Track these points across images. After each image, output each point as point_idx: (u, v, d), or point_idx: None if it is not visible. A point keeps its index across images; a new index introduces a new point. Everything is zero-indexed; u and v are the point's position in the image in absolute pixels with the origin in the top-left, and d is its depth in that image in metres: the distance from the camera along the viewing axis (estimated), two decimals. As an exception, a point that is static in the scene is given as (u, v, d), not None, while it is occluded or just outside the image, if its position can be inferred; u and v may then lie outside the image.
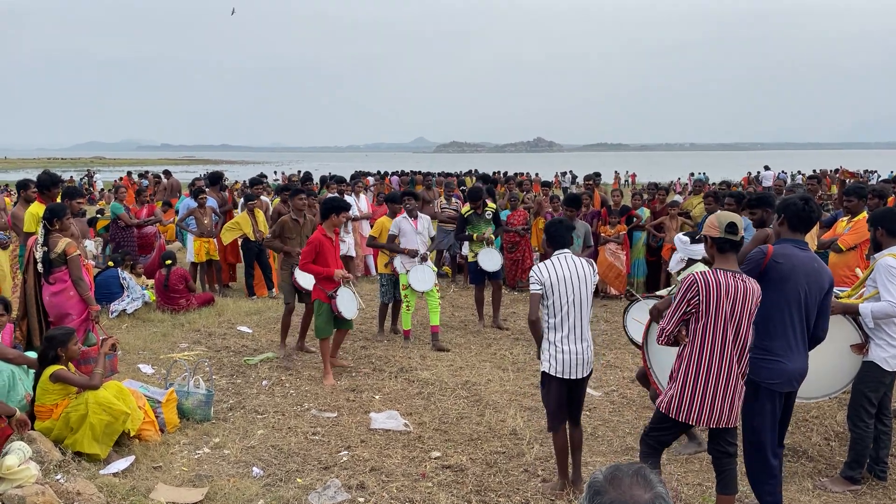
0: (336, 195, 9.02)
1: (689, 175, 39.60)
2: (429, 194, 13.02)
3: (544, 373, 4.37)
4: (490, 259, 8.48)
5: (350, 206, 8.32)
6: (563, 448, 4.42)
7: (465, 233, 8.74)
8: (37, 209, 6.90)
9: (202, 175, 27.60)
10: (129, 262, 9.74)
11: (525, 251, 10.79)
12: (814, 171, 24.61)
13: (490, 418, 5.66)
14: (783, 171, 33.75)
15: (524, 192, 13.18)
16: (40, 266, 6.02)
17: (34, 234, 6.38)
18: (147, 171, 31.46)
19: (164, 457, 4.89)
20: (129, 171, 34.52)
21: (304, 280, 7.31)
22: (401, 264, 7.81)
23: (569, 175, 37.02)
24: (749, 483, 4.06)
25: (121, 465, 4.67)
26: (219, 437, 5.27)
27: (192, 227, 10.34)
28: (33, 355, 5.21)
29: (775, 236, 4.08)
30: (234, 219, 10.17)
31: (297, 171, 16.48)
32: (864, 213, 6.28)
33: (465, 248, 9.63)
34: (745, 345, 3.68)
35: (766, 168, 32.41)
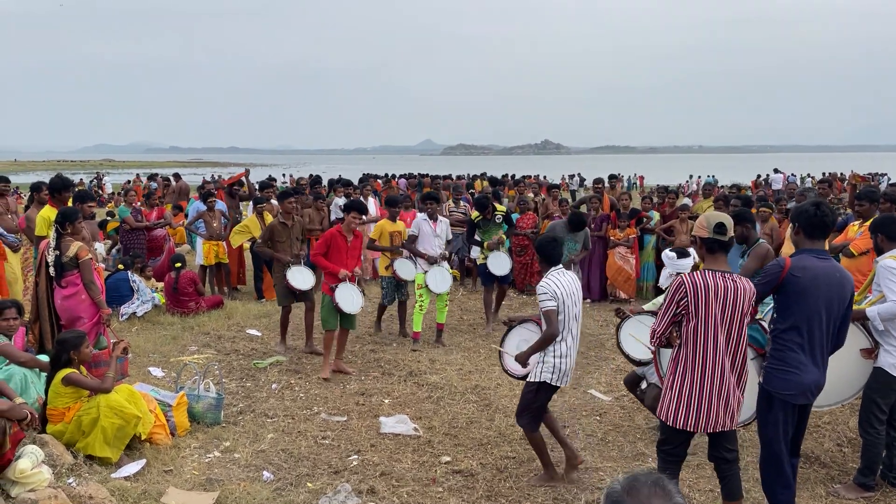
0: (356, 199, 9.13)
1: (689, 177, 39.46)
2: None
3: (543, 382, 4.53)
4: (499, 263, 8.57)
5: (367, 209, 8.42)
6: (542, 442, 4.67)
7: (475, 237, 8.85)
8: (48, 213, 6.94)
9: (213, 178, 27.70)
10: (139, 265, 9.77)
11: (534, 255, 10.77)
12: (824, 175, 24.48)
13: (500, 423, 5.65)
14: (792, 174, 33.59)
15: (534, 196, 13.17)
16: (52, 269, 6.05)
17: (46, 238, 6.41)
18: (156, 174, 31.61)
19: (175, 460, 4.90)
20: (137, 174, 34.68)
21: (296, 282, 7.44)
22: (403, 266, 8.00)
23: (577, 178, 36.94)
24: (763, 490, 4.04)
25: (132, 468, 4.69)
26: (229, 441, 5.28)
27: (201, 230, 10.37)
28: (45, 359, 5.23)
29: (794, 246, 3.98)
30: (244, 222, 10.19)
31: (309, 175, 16.56)
32: (877, 218, 6.25)
33: (475, 252, 9.67)
34: (738, 345, 3.64)
35: (776, 171, 32.27)
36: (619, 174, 17.20)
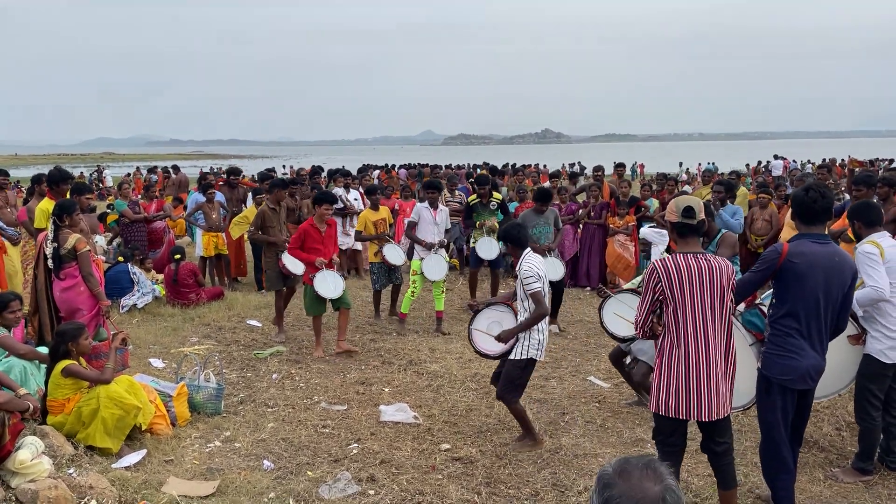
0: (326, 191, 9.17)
1: (679, 164, 39.32)
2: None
3: (531, 359, 4.89)
4: (487, 248, 8.76)
5: (336, 199, 8.59)
6: (523, 410, 5.02)
7: (471, 219, 9.12)
8: (46, 205, 6.93)
9: (214, 169, 27.67)
10: (139, 257, 9.78)
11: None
12: (823, 160, 24.40)
13: (499, 410, 5.66)
14: (793, 161, 33.49)
15: (533, 184, 13.15)
16: (51, 262, 6.05)
17: (44, 230, 6.41)
18: (156, 167, 31.58)
19: (176, 450, 4.92)
20: (137, 167, 34.66)
21: (291, 265, 7.55)
22: (392, 251, 8.27)
23: (577, 166, 36.84)
24: (762, 475, 4.05)
25: (133, 458, 4.70)
26: (229, 431, 5.30)
27: (200, 222, 10.37)
28: (45, 350, 5.25)
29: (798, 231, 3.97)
30: (243, 212, 10.19)
31: (312, 166, 16.55)
32: (875, 202, 6.23)
33: (472, 241, 9.70)
34: (722, 326, 3.60)
35: (776, 157, 32.18)
36: (622, 163, 17.09)
